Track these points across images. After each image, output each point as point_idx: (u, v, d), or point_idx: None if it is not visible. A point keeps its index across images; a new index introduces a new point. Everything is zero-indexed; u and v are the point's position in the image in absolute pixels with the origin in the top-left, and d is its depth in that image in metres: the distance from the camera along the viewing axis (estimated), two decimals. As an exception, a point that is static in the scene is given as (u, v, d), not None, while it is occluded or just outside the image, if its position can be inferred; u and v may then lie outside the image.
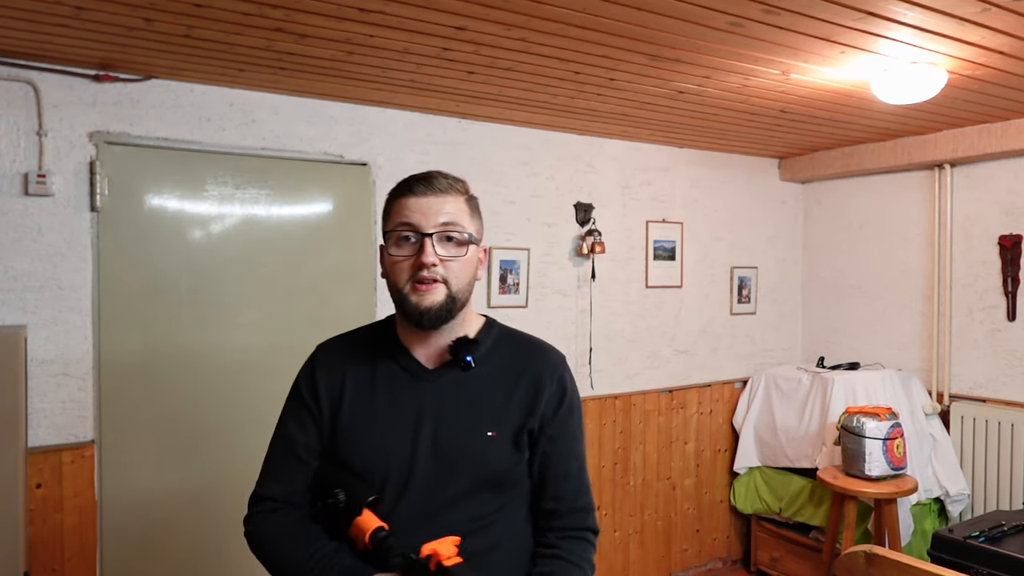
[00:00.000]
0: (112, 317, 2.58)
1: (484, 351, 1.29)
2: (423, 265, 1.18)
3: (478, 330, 1.32)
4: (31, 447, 2.43)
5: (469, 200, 1.29)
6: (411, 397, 1.25)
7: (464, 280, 1.24)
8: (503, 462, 1.24)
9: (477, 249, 1.28)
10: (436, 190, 1.23)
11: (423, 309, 1.20)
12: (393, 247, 1.23)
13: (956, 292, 3.72)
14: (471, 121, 3.32)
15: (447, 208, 1.22)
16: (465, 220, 1.24)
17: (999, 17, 2.00)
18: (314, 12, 1.99)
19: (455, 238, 1.22)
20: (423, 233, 1.20)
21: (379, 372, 1.27)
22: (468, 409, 1.24)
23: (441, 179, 1.25)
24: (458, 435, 1.22)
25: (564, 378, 1.31)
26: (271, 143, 2.86)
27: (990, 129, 3.38)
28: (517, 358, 1.30)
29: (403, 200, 1.24)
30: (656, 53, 2.34)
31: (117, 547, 2.60)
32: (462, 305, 1.25)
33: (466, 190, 1.29)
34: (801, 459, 3.75)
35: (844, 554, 1.62)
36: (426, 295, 1.20)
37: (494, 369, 1.28)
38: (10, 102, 2.41)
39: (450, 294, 1.21)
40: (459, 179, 1.29)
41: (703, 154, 4.07)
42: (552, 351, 1.35)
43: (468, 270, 1.24)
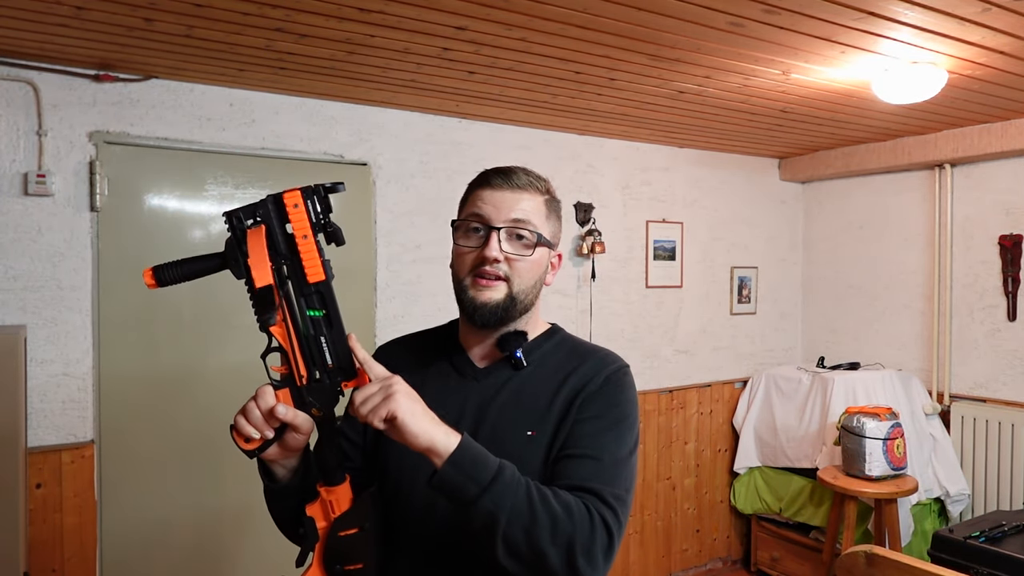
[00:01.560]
0: (112, 317, 2.58)
1: (539, 353, 1.21)
2: (486, 259, 1.13)
3: (539, 335, 1.25)
4: (31, 447, 2.43)
5: (549, 201, 1.22)
6: (456, 396, 1.19)
7: (528, 282, 1.17)
8: (538, 467, 1.11)
9: (549, 253, 1.21)
10: (513, 185, 1.17)
11: (478, 304, 1.14)
12: (460, 237, 1.18)
13: (956, 292, 3.72)
14: (471, 121, 3.32)
15: (522, 205, 1.16)
16: (539, 220, 1.18)
17: (999, 17, 2.00)
18: (314, 12, 1.99)
19: (524, 237, 1.16)
20: (491, 226, 1.14)
21: (431, 371, 1.22)
22: (510, 407, 1.17)
23: (521, 175, 1.19)
24: (496, 433, 1.14)
25: (613, 376, 1.18)
26: (271, 143, 2.85)
27: (990, 129, 3.38)
28: (572, 360, 1.21)
29: (479, 191, 1.18)
30: (656, 53, 2.33)
31: (117, 547, 2.60)
32: (524, 308, 1.18)
33: (547, 190, 1.22)
34: (801, 459, 3.75)
35: (844, 554, 1.62)
36: (485, 291, 1.14)
37: (546, 370, 1.20)
38: (10, 102, 2.41)
39: (511, 294, 1.15)
40: (542, 178, 1.22)
41: (703, 154, 4.07)
42: (611, 356, 1.23)
43: (534, 272, 1.18)
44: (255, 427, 0.99)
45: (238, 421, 1.00)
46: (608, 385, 1.16)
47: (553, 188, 1.25)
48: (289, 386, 0.99)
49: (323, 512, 1.03)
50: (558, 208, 1.24)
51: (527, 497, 0.98)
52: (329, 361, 1.00)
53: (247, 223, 0.96)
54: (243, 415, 1.00)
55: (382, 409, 0.95)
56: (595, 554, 1.00)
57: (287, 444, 1.02)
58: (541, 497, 0.99)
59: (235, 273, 0.97)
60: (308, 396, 0.99)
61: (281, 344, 0.99)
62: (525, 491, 0.99)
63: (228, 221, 0.97)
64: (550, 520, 0.98)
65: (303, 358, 0.99)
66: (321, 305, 1.00)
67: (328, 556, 1.02)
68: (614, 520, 1.04)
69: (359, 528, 1.02)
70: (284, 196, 0.97)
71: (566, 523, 0.98)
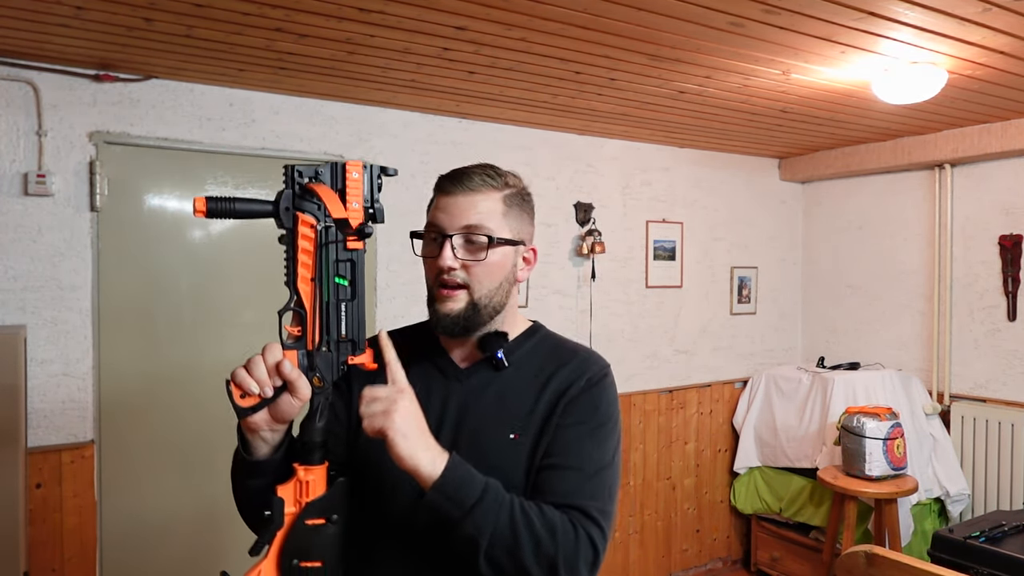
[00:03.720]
0: (112, 317, 2.58)
1: (520, 352, 1.20)
2: (441, 269, 1.12)
3: (520, 333, 1.23)
4: (31, 447, 2.43)
5: (510, 197, 1.17)
6: (438, 397, 1.17)
7: (488, 286, 1.14)
8: (518, 472, 1.11)
9: (512, 250, 1.17)
10: (465, 188, 1.14)
11: (440, 315, 1.13)
12: (423, 247, 1.18)
13: (956, 292, 3.72)
14: (471, 121, 3.32)
15: (478, 207, 1.13)
16: (495, 220, 1.14)
17: (999, 17, 2.00)
18: (314, 12, 1.99)
19: (475, 241, 1.13)
20: (444, 235, 1.13)
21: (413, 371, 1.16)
22: (493, 410, 1.15)
23: (474, 176, 1.15)
24: (478, 437, 1.13)
25: (595, 378, 1.17)
26: (271, 143, 2.85)
27: (990, 129, 3.38)
28: (554, 361, 1.19)
29: (437, 199, 1.17)
30: (656, 53, 2.33)
31: (117, 547, 2.60)
32: (493, 311, 1.16)
33: (507, 184, 1.18)
34: (801, 459, 3.75)
35: (844, 554, 1.62)
36: (447, 301, 1.13)
37: (529, 371, 1.18)
38: (10, 102, 2.41)
39: (472, 302, 1.13)
40: (500, 173, 1.18)
41: (703, 154, 4.07)
42: (592, 356, 1.21)
43: (495, 274, 1.14)
44: (257, 381, 0.96)
45: (238, 374, 0.97)
46: (590, 389, 1.15)
47: (517, 180, 1.21)
48: (298, 349, 0.98)
49: (295, 495, 0.97)
50: (521, 201, 1.20)
51: (510, 520, 0.99)
52: (343, 332, 0.99)
53: (305, 179, 0.99)
54: (245, 368, 0.97)
55: (376, 421, 0.97)
56: (579, 569, 1.03)
57: (279, 410, 0.98)
58: (525, 518, 1.00)
59: (281, 222, 0.98)
60: (316, 362, 0.98)
61: (304, 304, 0.97)
62: (508, 513, 1.00)
63: (286, 173, 0.99)
64: (533, 542, 0.99)
65: (320, 323, 0.98)
66: (349, 274, 1.00)
67: (288, 547, 0.95)
68: (599, 534, 1.05)
69: (326, 520, 0.97)
70: (347, 163, 1.00)
71: (549, 544, 1.00)
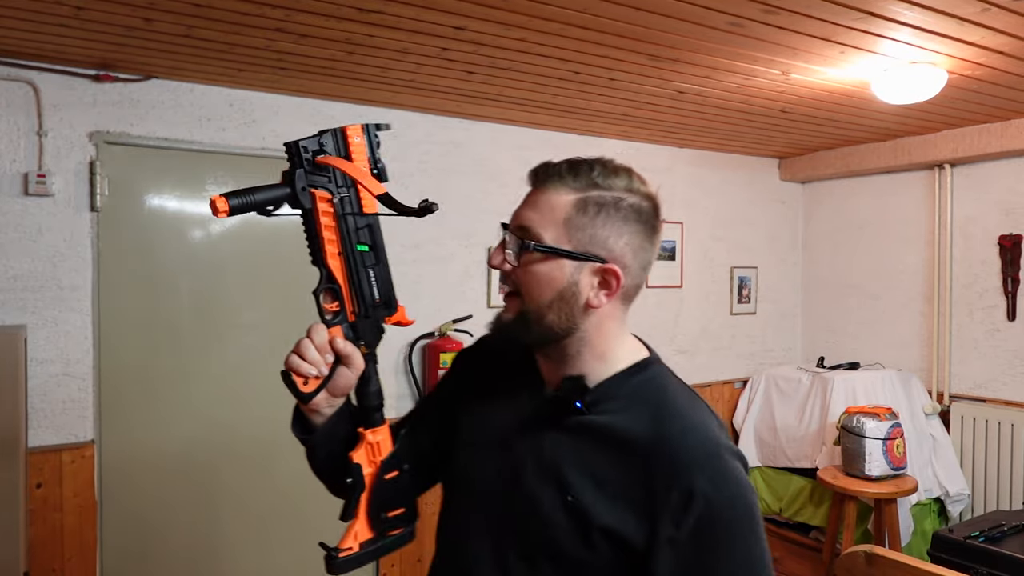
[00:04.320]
0: (112, 317, 2.58)
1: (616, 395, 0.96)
2: (490, 264, 1.01)
3: (620, 371, 0.98)
4: (31, 447, 2.43)
5: (589, 201, 0.93)
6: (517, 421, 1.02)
7: (537, 300, 0.94)
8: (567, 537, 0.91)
9: (571, 265, 0.93)
10: (540, 182, 0.96)
11: (493, 322, 1.01)
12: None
13: (956, 292, 3.72)
14: (471, 121, 3.32)
15: (539, 205, 0.95)
16: (553, 224, 0.93)
17: (999, 17, 2.00)
18: (314, 12, 1.99)
19: (523, 244, 0.94)
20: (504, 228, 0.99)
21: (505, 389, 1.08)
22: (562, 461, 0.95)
23: (552, 170, 0.95)
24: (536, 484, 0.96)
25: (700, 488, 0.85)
26: (271, 143, 2.85)
27: (990, 129, 3.38)
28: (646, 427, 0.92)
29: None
30: (656, 53, 2.34)
31: (117, 547, 2.60)
32: (549, 334, 0.95)
33: (593, 185, 0.94)
34: (801, 459, 3.75)
35: (844, 554, 1.62)
36: (504, 309, 1.00)
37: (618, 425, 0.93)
38: (10, 102, 2.41)
39: (522, 312, 0.95)
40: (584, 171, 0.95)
41: (703, 154, 4.07)
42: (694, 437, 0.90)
43: (539, 288, 0.94)
44: (313, 363, 0.93)
45: (294, 361, 0.93)
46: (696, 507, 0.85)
47: (611, 187, 0.95)
48: (341, 323, 0.97)
49: (368, 457, 0.99)
50: (611, 210, 0.94)
51: None
52: (376, 296, 0.99)
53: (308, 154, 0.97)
54: (298, 355, 0.94)
55: None
56: None
57: (337, 385, 0.96)
58: None
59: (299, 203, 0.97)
60: (359, 330, 0.98)
61: (336, 278, 0.97)
62: None
63: (290, 150, 0.96)
64: None
65: (354, 293, 0.98)
66: (369, 239, 0.99)
67: (374, 504, 0.98)
68: None
69: (399, 471, 1.00)
70: (347, 129, 0.98)
71: None
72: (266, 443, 2.85)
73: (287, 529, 2.86)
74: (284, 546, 2.86)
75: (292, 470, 2.89)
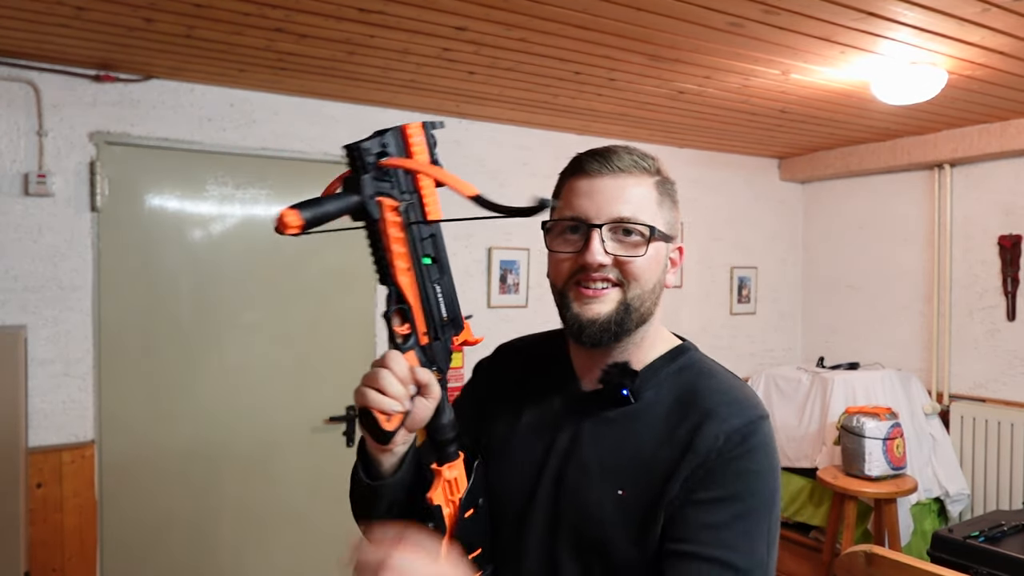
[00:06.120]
0: (112, 317, 2.58)
1: (656, 382, 0.97)
2: (588, 266, 0.92)
3: (660, 355, 1.00)
4: (31, 447, 2.43)
5: (661, 184, 0.98)
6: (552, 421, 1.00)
7: (646, 286, 0.94)
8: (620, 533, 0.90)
9: (667, 247, 0.97)
10: (615, 169, 0.94)
11: (584, 321, 0.93)
12: (555, 242, 0.96)
13: (956, 292, 3.72)
14: (471, 121, 3.32)
15: (628, 193, 0.94)
16: (650, 209, 0.95)
17: (999, 17, 2.00)
18: (314, 12, 1.99)
19: (633, 233, 0.93)
20: (591, 224, 0.92)
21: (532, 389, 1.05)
22: (606, 453, 0.94)
23: (623, 155, 0.96)
24: (582, 484, 0.94)
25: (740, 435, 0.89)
26: (271, 143, 2.86)
27: (990, 129, 3.38)
28: (694, 403, 0.93)
29: (573, 182, 0.96)
30: (656, 53, 2.34)
31: (117, 547, 2.60)
32: (641, 319, 0.96)
33: (657, 170, 0.98)
34: (801, 459, 3.75)
35: (844, 554, 1.62)
36: (592, 303, 0.93)
37: (660, 409, 0.94)
38: (10, 102, 2.41)
39: (624, 301, 0.93)
40: (648, 156, 0.98)
41: (703, 154, 4.07)
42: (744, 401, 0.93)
43: (651, 273, 0.95)
44: (397, 398, 0.80)
45: (375, 398, 0.80)
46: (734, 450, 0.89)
47: (664, 167, 1.00)
48: (414, 347, 0.85)
49: (446, 495, 0.88)
50: (672, 191, 1.00)
51: None
52: (444, 314, 0.88)
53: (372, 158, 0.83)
54: (377, 390, 0.80)
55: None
56: None
57: (415, 418, 0.84)
58: None
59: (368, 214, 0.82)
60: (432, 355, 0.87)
61: (406, 297, 0.84)
62: None
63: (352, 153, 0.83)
64: None
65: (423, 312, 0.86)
66: (433, 251, 0.86)
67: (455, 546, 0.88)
68: None
69: (475, 507, 0.90)
70: (406, 128, 0.87)
71: None
72: (266, 443, 2.85)
73: (287, 529, 2.86)
74: (284, 546, 2.86)
75: (292, 470, 2.89)
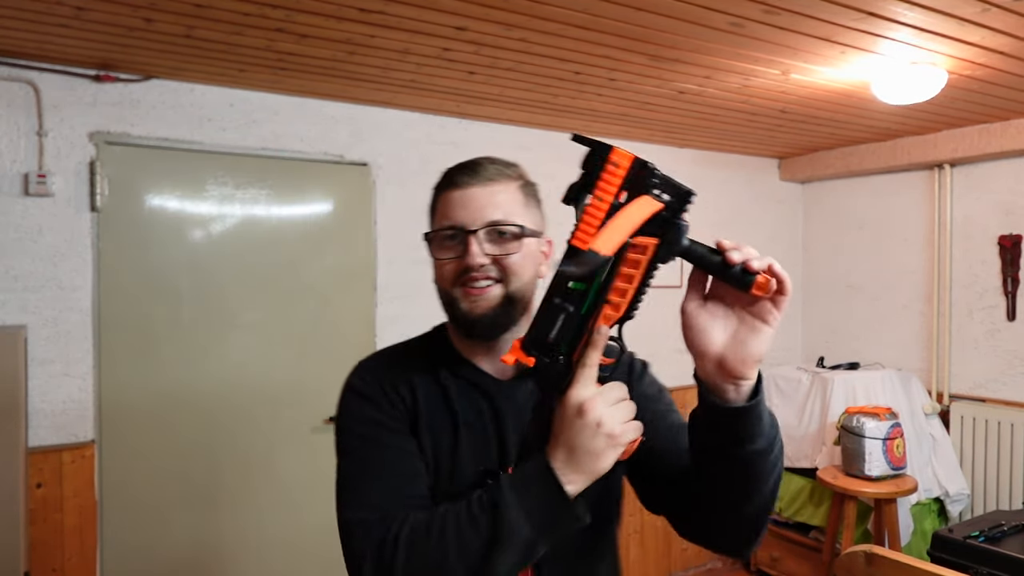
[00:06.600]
0: (112, 317, 2.58)
1: None
2: (470, 267, 1.03)
3: None
4: (31, 447, 2.43)
5: (524, 187, 1.10)
6: (489, 417, 1.07)
7: (524, 278, 1.06)
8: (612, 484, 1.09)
9: (539, 242, 1.10)
10: (482, 179, 1.06)
11: (475, 317, 1.04)
12: (437, 249, 1.07)
13: (956, 292, 3.72)
14: (471, 121, 3.32)
15: (497, 199, 1.05)
16: (518, 211, 1.06)
17: (999, 17, 2.00)
18: (314, 12, 1.99)
19: (506, 233, 1.05)
20: (467, 231, 1.03)
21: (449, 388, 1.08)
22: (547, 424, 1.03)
23: (489, 166, 1.08)
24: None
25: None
26: (271, 143, 2.86)
27: (990, 129, 3.38)
28: None
29: (447, 195, 1.07)
30: (656, 53, 2.34)
31: (117, 547, 2.60)
32: (524, 308, 1.07)
33: (520, 175, 1.10)
34: (801, 459, 3.75)
35: (844, 554, 1.62)
36: (479, 300, 1.04)
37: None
38: (10, 102, 2.41)
39: (507, 295, 1.04)
40: (511, 163, 1.11)
41: (703, 154, 4.07)
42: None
43: (527, 266, 1.06)
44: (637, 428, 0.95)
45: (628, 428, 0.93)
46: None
47: (525, 172, 1.13)
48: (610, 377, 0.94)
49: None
50: (535, 191, 1.13)
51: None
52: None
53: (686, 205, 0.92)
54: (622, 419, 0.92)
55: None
56: None
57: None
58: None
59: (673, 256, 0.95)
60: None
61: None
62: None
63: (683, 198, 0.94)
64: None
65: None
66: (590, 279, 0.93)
67: None
68: None
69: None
70: (614, 151, 0.90)
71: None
72: (266, 443, 2.85)
73: (287, 529, 2.86)
74: (284, 546, 2.86)
75: (292, 470, 2.89)
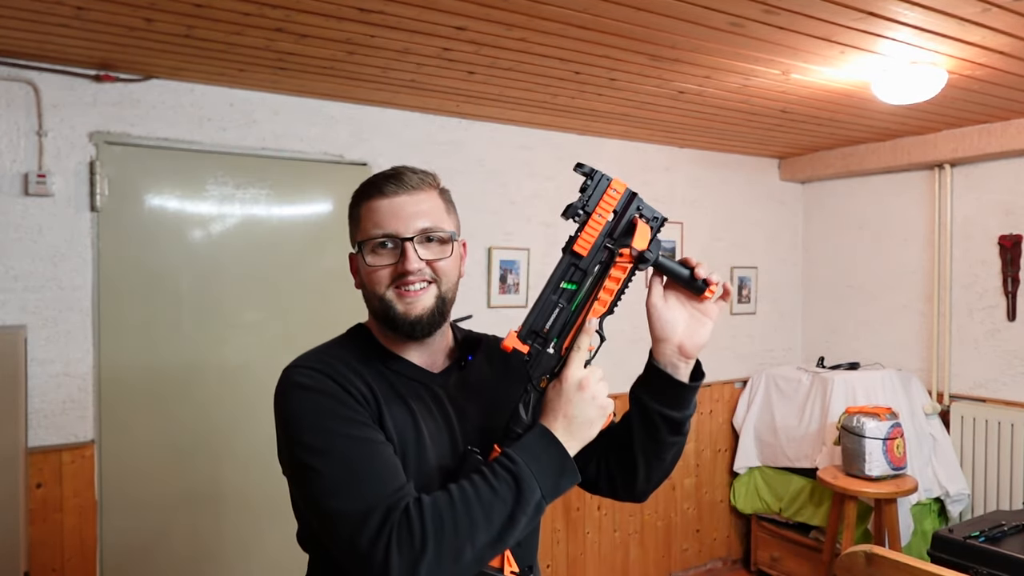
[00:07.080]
0: (112, 317, 2.58)
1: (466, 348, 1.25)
2: (407, 272, 1.09)
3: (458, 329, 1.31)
4: (31, 447, 2.43)
5: (443, 193, 1.19)
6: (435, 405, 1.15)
7: (452, 279, 1.16)
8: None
9: (458, 244, 1.19)
10: (408, 188, 1.13)
11: (414, 319, 1.11)
12: (370, 256, 1.11)
13: (956, 292, 3.72)
14: (471, 121, 3.32)
15: (423, 207, 1.12)
16: (443, 217, 1.15)
17: (999, 17, 2.00)
18: (314, 12, 1.99)
19: (436, 239, 1.13)
20: (402, 238, 1.09)
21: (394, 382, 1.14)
22: (492, 410, 1.16)
23: (411, 175, 1.14)
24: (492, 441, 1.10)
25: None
26: (271, 143, 2.85)
27: (990, 129, 3.38)
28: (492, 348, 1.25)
29: (373, 203, 1.12)
30: (656, 53, 2.34)
31: (117, 547, 2.60)
32: (451, 306, 1.18)
33: (437, 183, 1.19)
34: (801, 459, 3.75)
35: (844, 554, 1.62)
36: (415, 302, 1.10)
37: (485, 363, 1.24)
38: (10, 102, 2.41)
39: (440, 295, 1.13)
40: (429, 172, 1.19)
41: (703, 154, 4.07)
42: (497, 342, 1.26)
43: (455, 268, 1.17)
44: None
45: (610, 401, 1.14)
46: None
47: (440, 179, 1.22)
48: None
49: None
50: (450, 197, 1.22)
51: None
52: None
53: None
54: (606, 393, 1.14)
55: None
56: None
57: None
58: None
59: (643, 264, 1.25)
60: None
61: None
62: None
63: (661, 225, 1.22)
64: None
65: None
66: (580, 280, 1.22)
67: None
68: None
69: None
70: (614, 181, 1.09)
71: None
72: (266, 443, 2.84)
73: (287, 529, 2.85)
74: (284, 546, 2.85)
75: (292, 470, 2.89)
